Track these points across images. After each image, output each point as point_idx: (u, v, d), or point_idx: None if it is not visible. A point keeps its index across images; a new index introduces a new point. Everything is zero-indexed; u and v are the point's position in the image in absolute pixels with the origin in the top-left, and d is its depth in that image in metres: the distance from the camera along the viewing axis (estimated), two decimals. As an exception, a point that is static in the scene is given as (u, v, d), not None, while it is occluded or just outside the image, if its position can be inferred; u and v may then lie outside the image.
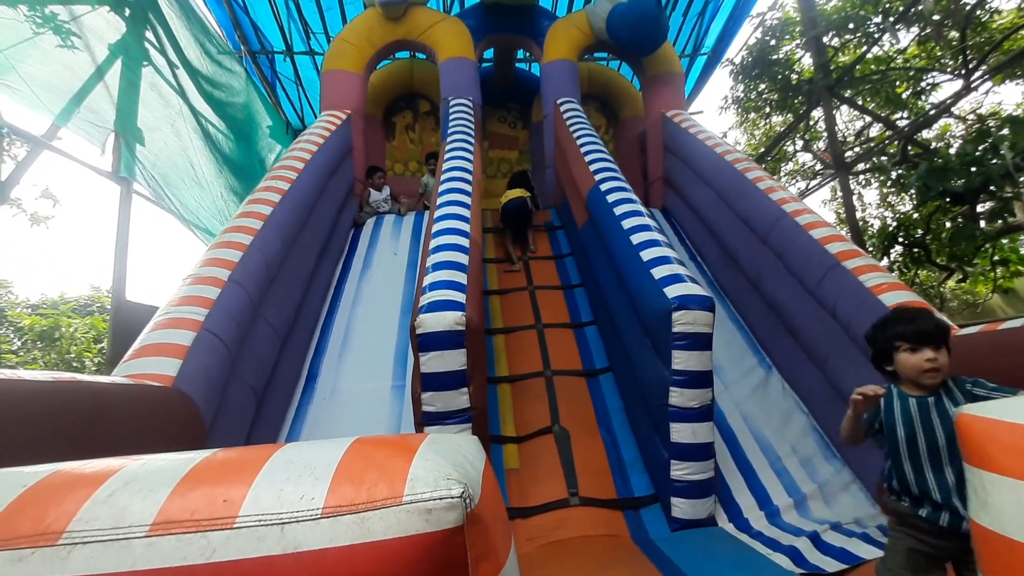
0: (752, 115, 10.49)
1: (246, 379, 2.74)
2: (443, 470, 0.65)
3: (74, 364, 8.18)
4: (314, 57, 7.36)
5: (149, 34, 4.52)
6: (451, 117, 5.26)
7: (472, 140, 4.87)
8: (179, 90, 4.86)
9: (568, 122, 5.27)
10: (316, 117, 8.10)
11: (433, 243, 3.19)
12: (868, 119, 10.06)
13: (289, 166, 4.10)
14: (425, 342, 2.50)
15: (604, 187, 4.01)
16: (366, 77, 5.83)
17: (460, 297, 2.66)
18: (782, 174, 11.51)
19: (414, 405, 2.60)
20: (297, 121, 8.32)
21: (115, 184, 4.13)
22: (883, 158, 8.92)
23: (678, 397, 2.64)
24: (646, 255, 3.11)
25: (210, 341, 2.42)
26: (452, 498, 0.61)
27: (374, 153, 6.38)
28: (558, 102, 5.77)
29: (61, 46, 3.73)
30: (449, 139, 4.79)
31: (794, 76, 9.02)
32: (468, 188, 3.93)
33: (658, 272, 2.91)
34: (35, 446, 1.41)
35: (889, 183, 9.88)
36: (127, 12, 4.30)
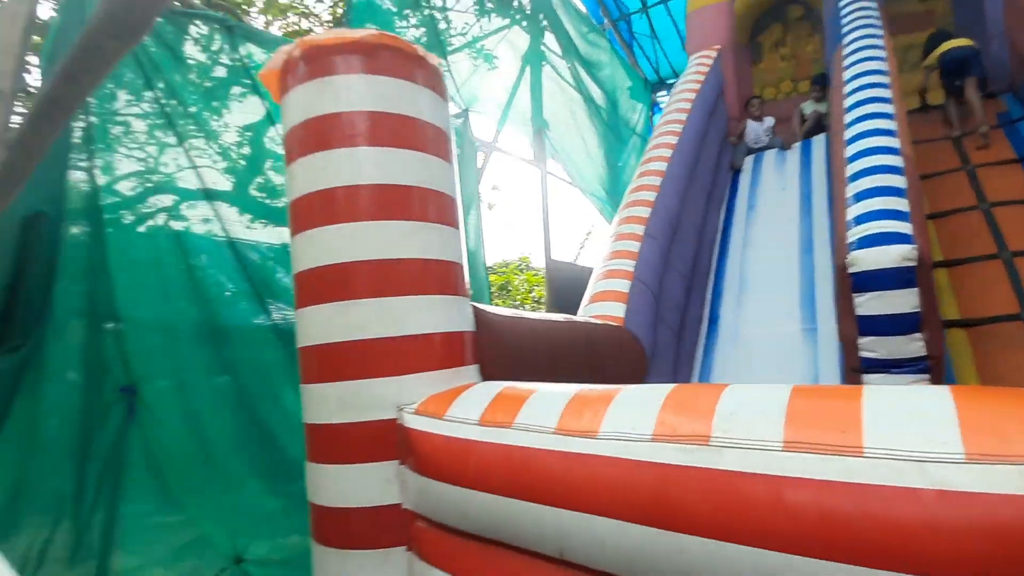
0: None
1: (666, 321, 3.07)
2: None
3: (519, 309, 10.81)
4: (667, 4, 7.28)
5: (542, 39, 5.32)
6: (844, 7, 4.35)
7: (881, 32, 3.94)
8: (574, 84, 5.60)
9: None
10: (670, 66, 8.11)
11: (851, 169, 2.80)
12: None
13: (673, 119, 4.24)
14: (862, 281, 2.30)
15: None
16: (731, 2, 5.42)
17: (904, 228, 2.31)
18: None
19: (847, 350, 2.42)
20: (653, 74, 8.46)
21: (536, 168, 5.17)
22: None
23: None
24: None
25: (640, 288, 2.81)
26: None
27: (740, 82, 5.92)
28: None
29: (491, 69, 4.82)
30: (849, 36, 3.99)
31: None
32: (887, 94, 3.24)
33: None
34: (558, 366, 1.95)
35: None
36: (527, 23, 5.18)
